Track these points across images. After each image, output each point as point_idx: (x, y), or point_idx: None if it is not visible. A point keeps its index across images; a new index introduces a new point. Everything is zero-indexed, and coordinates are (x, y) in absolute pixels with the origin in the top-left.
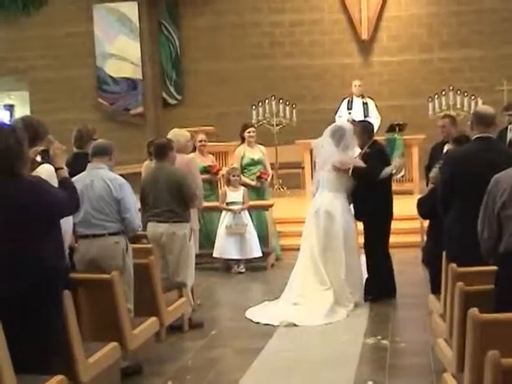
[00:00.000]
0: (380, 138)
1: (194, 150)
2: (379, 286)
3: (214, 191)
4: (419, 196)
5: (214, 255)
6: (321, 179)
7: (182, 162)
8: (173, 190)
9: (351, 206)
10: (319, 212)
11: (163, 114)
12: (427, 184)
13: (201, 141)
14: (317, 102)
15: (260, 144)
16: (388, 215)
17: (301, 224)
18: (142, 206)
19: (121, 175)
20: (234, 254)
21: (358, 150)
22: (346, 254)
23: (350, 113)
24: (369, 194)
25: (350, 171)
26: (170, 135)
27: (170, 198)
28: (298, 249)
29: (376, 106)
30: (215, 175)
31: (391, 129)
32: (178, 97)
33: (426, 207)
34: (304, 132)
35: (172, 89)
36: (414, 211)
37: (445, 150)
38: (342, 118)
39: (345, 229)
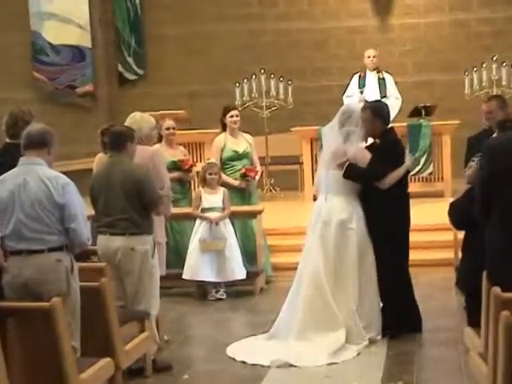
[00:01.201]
0: (400, 124)
1: (160, 140)
2: (398, 318)
3: (185, 194)
4: (452, 199)
5: (186, 277)
6: (325, 179)
7: (143, 155)
8: (130, 193)
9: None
10: (328, 223)
11: (119, 93)
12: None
13: (168, 128)
14: (319, 77)
15: (245, 132)
16: (402, 224)
17: (299, 236)
18: (95, 213)
19: (64, 173)
20: (210, 276)
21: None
22: (361, 277)
23: (361, 92)
24: (375, 197)
25: (343, 170)
26: (128, 121)
27: (127, 203)
28: (295, 268)
29: (396, 82)
30: (187, 173)
31: (416, 112)
32: (139, 71)
33: (460, 214)
34: (303, 117)
35: (131, 60)
36: (446, 219)
37: None
38: (352, 98)
39: (361, 245)
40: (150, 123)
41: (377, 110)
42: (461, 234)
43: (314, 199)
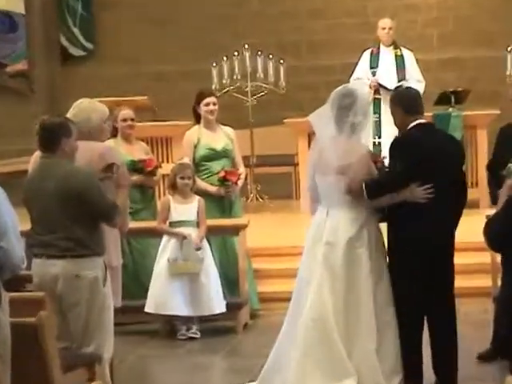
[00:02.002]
0: (424, 114)
1: (115, 134)
2: (413, 364)
3: (147, 203)
4: (489, 212)
5: (149, 310)
6: (323, 188)
7: (92, 154)
8: (70, 204)
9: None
10: (333, 245)
11: (63, 73)
12: (493, 199)
13: (126, 119)
14: (319, 54)
15: (225, 125)
16: (411, 246)
17: (293, 259)
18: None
19: None
20: (181, 309)
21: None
22: (378, 308)
23: (374, 73)
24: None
25: (364, 192)
26: (73, 110)
27: (66, 217)
28: (288, 299)
29: (417, 61)
30: (150, 176)
31: (443, 99)
32: (88, 45)
33: (498, 232)
34: (298, 105)
35: (77, 31)
36: (481, 237)
37: None
38: (362, 81)
39: (375, 268)
40: (101, 113)
41: (394, 96)
42: (499, 257)
43: (313, 213)
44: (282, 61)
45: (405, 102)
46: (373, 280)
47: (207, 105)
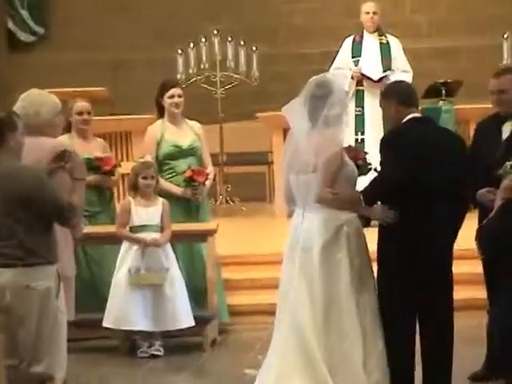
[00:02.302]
0: None
1: (69, 129)
2: (403, 379)
3: (105, 205)
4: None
5: (107, 324)
6: (296, 188)
7: (42, 150)
8: (16, 206)
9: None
10: (308, 250)
11: (10, 60)
12: (475, 204)
13: (81, 113)
14: (297, 41)
15: (192, 119)
16: (404, 251)
17: (268, 268)
18: None
19: None
20: (143, 323)
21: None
22: (363, 324)
23: (356, 62)
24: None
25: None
26: (21, 102)
27: (13, 221)
28: (261, 312)
29: (404, 49)
30: (108, 176)
31: (432, 92)
32: (39, 29)
33: (492, 240)
34: (273, 97)
35: (25, 14)
36: (474, 243)
37: (504, 133)
38: (344, 71)
39: (358, 274)
40: (52, 105)
41: (388, 89)
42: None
43: (290, 215)
44: (254, 48)
45: (400, 93)
46: (355, 289)
47: (172, 97)
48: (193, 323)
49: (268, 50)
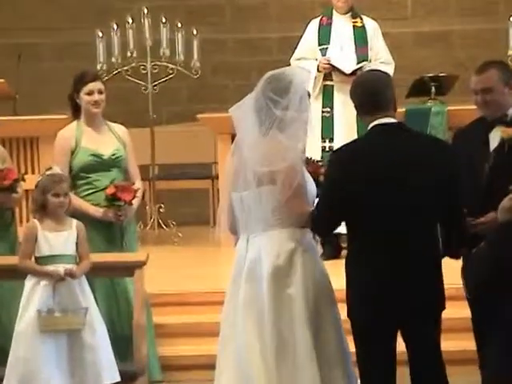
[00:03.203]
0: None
1: None
2: None
3: (4, 231)
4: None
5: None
6: (241, 208)
7: None
8: None
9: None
10: (254, 280)
11: None
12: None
13: None
14: (249, 24)
15: (115, 122)
16: (357, 294)
17: (209, 309)
18: None
19: None
20: (56, 380)
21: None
22: (322, 372)
23: (324, 51)
24: None
25: None
26: None
27: None
28: (203, 366)
29: (384, 35)
30: (8, 192)
31: (420, 88)
32: None
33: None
34: (219, 94)
35: None
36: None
37: (492, 142)
38: (308, 62)
39: (316, 318)
40: None
41: (352, 84)
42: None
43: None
44: (195, 32)
45: (362, 93)
46: (310, 331)
47: (90, 93)
48: (118, 378)
49: (212, 34)
